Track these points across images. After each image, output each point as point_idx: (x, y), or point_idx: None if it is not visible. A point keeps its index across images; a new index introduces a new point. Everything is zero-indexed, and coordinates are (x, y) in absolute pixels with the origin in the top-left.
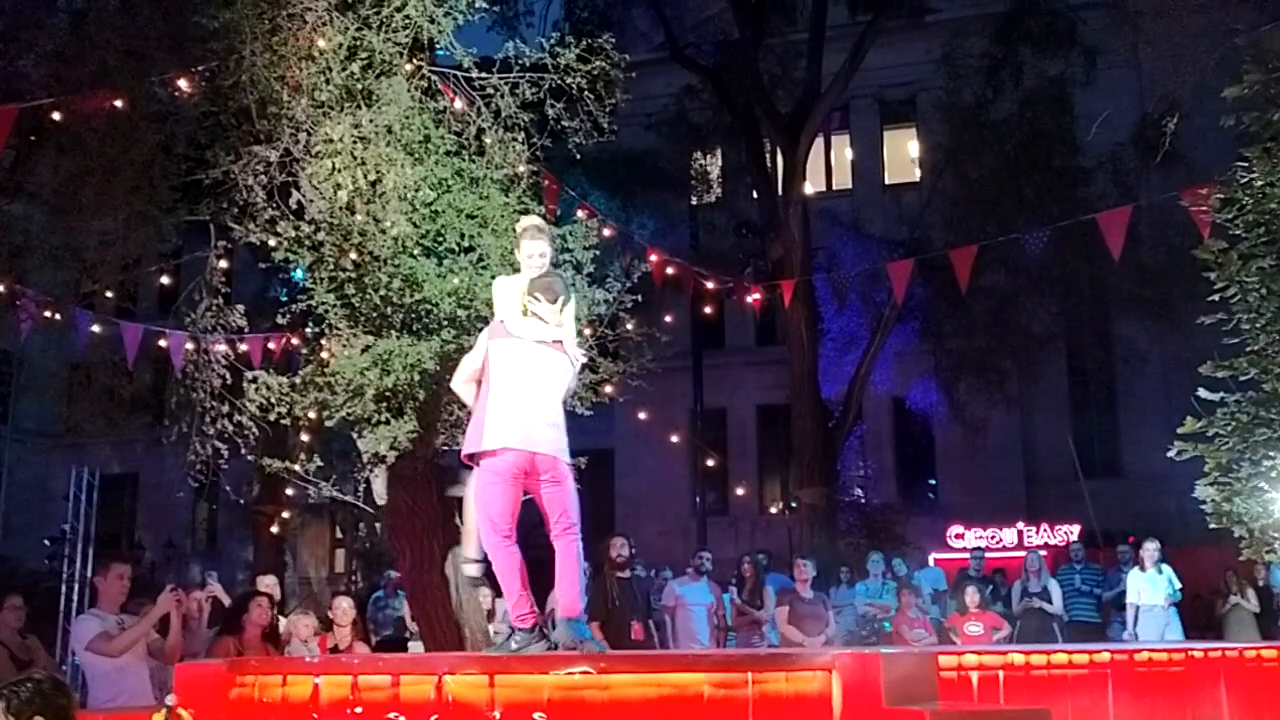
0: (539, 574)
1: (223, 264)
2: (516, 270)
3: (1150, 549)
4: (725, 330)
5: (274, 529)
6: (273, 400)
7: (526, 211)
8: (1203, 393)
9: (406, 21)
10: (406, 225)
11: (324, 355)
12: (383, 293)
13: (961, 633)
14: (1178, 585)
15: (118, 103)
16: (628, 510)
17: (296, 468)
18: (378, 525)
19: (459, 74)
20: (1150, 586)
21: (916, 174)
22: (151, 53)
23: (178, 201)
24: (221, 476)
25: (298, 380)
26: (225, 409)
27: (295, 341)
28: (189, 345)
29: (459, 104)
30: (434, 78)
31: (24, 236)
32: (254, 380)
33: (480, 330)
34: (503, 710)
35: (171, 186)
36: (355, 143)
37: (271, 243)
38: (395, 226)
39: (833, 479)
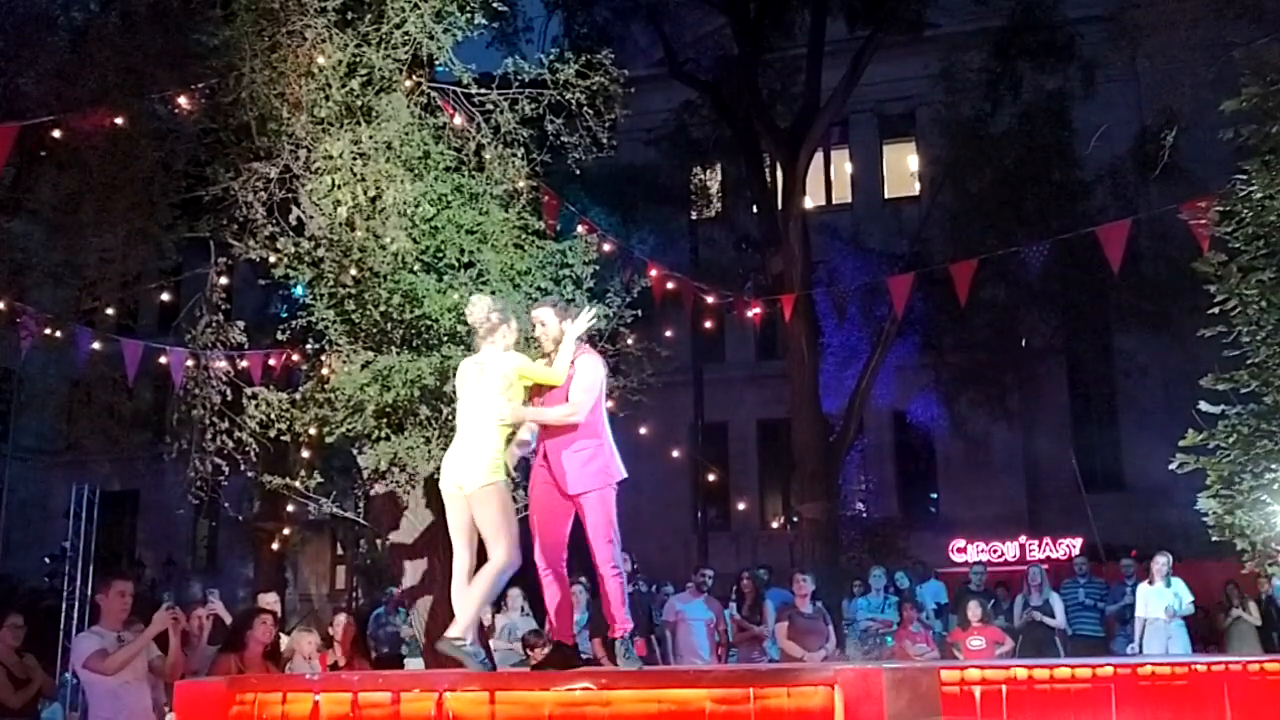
0: (536, 591)
1: (223, 280)
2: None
3: (1161, 562)
4: (726, 345)
5: (274, 546)
6: (273, 417)
7: (526, 227)
8: (1204, 405)
9: (406, 38)
10: (406, 241)
11: (324, 371)
12: (383, 308)
13: (964, 647)
14: (1188, 599)
15: (118, 120)
16: (628, 525)
17: (297, 484)
18: (379, 542)
19: (458, 90)
20: (1157, 600)
21: (916, 188)
22: (151, 70)
23: (178, 218)
24: (222, 493)
25: (298, 396)
26: (225, 426)
27: (295, 358)
28: (189, 362)
29: (458, 120)
30: (433, 94)
31: (24, 254)
32: (254, 397)
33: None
34: None
35: (171, 203)
36: (355, 159)
37: (271, 259)
38: (395, 242)
39: (834, 493)
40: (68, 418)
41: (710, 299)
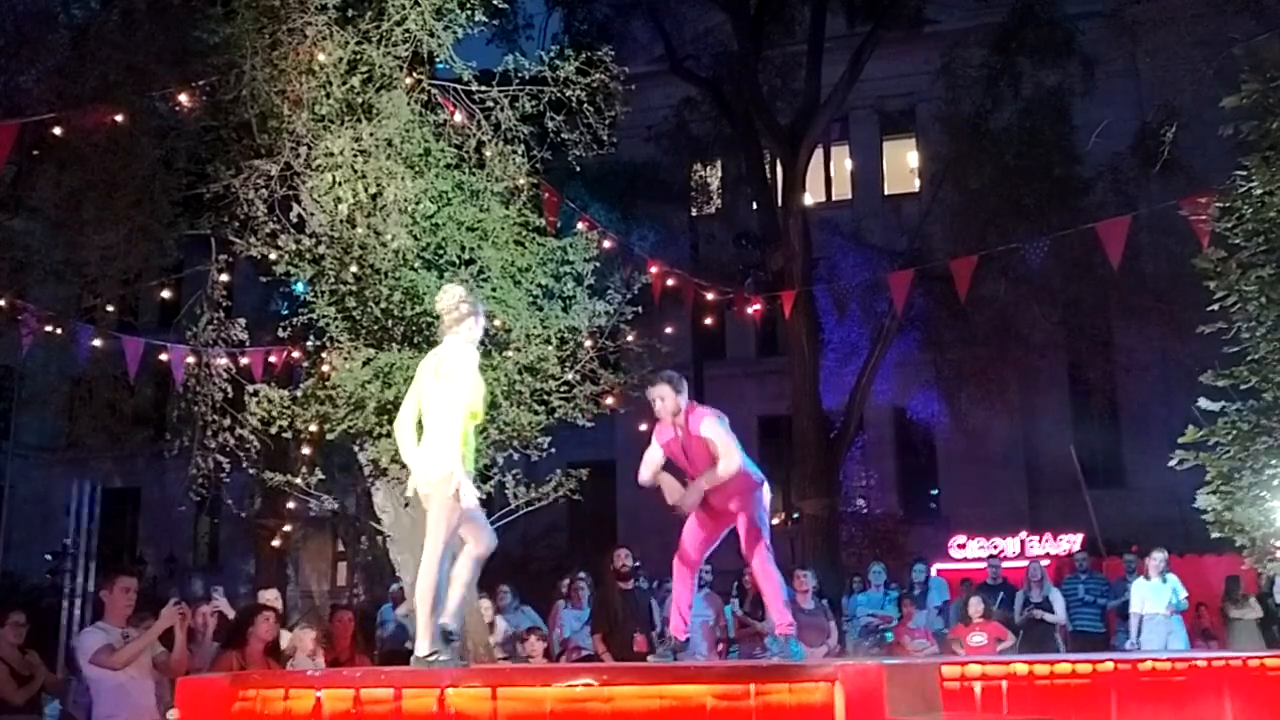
0: (536, 588)
1: (224, 278)
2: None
3: (1157, 558)
4: (726, 341)
5: (275, 543)
6: (274, 414)
7: (527, 223)
8: (1203, 402)
9: (406, 35)
10: (407, 238)
11: (325, 368)
12: (384, 305)
13: (965, 643)
14: (1183, 594)
15: (119, 118)
16: (630, 522)
17: (298, 481)
18: (380, 538)
19: (459, 87)
20: (1154, 595)
21: (916, 184)
22: (152, 68)
23: (179, 216)
24: (223, 490)
25: (299, 394)
26: (227, 423)
27: (296, 355)
28: (190, 359)
29: (459, 117)
30: (434, 91)
31: (25, 252)
32: (255, 394)
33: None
34: None
35: (172, 201)
36: (356, 156)
37: (272, 256)
38: (396, 239)
39: (834, 490)
40: (69, 415)
41: (710, 295)
